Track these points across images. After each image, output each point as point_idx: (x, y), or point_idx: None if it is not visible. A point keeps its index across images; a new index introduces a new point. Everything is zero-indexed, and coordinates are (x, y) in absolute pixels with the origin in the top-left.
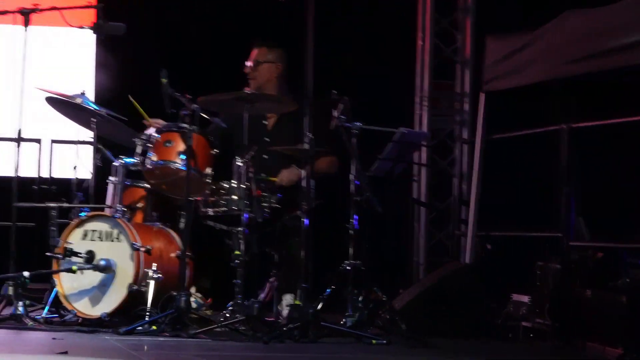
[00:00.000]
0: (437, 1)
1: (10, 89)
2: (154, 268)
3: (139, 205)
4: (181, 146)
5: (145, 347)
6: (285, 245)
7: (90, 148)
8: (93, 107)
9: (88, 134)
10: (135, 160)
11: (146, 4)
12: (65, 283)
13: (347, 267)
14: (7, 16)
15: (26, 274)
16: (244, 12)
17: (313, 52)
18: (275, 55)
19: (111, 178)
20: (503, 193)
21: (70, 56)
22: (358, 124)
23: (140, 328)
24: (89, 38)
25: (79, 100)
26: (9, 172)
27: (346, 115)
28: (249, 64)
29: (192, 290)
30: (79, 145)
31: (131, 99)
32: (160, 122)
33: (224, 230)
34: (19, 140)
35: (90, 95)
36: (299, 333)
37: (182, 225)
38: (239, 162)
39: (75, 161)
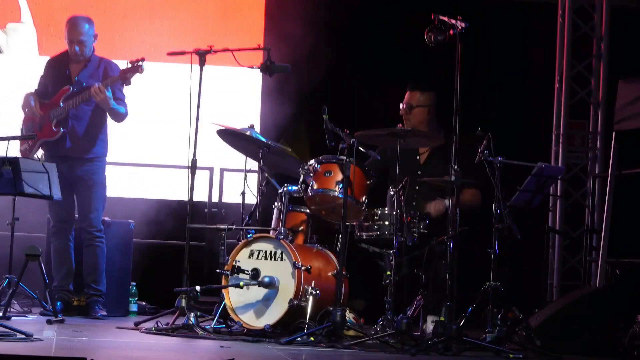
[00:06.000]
0: (573, 48)
1: (186, 122)
2: (313, 285)
3: (300, 228)
4: (339, 176)
5: (304, 356)
6: (432, 267)
7: (256, 176)
8: (260, 139)
9: (254, 163)
10: (298, 188)
11: (309, 46)
12: (233, 297)
13: (488, 288)
14: (184, 56)
15: (198, 288)
16: (398, 53)
17: (460, 92)
18: (428, 98)
19: (276, 203)
20: (632, 223)
21: (239, 93)
22: (500, 158)
23: (299, 339)
24: (257, 77)
25: (247, 133)
26: (184, 197)
27: (489, 150)
28: (403, 106)
29: (347, 311)
30: (246, 173)
31: (282, 145)
32: None
33: (376, 253)
34: (193, 168)
35: (257, 128)
36: (443, 347)
37: (339, 247)
38: (391, 192)
39: (243, 187)
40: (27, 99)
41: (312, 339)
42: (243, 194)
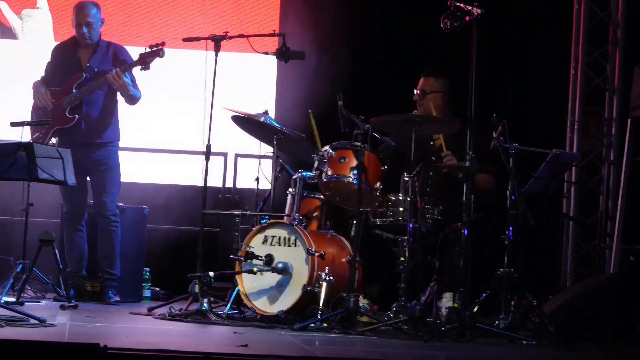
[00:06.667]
0: (589, 35)
1: (200, 108)
2: (327, 271)
3: (315, 214)
4: (354, 162)
5: (317, 342)
6: (446, 254)
7: (271, 162)
8: (275, 125)
9: (269, 149)
10: (312, 174)
11: (323, 34)
12: (246, 283)
13: (502, 275)
14: (199, 42)
15: (211, 274)
16: (413, 39)
17: (475, 79)
18: (441, 84)
19: (290, 189)
20: None
21: (254, 78)
22: (515, 145)
23: (312, 325)
24: (272, 63)
25: (262, 119)
26: (198, 183)
27: (504, 136)
28: (417, 92)
29: (361, 297)
30: (260, 159)
31: (311, 116)
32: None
33: (390, 239)
34: (207, 153)
35: (272, 114)
36: (457, 333)
37: (352, 233)
38: (406, 178)
39: (257, 173)
40: (37, 88)
41: (325, 325)
42: (257, 179)
